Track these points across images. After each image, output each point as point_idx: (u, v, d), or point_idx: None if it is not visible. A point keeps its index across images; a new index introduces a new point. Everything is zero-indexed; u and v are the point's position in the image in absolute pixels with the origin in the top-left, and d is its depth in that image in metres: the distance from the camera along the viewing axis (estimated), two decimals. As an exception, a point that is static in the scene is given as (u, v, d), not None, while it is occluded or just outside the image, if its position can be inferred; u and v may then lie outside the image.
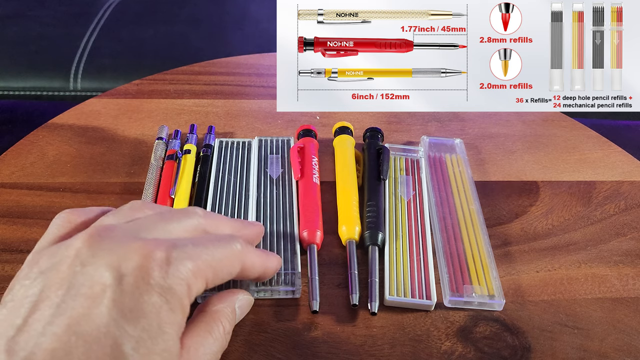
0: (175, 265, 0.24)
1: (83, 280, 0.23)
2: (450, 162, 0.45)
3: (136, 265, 0.23)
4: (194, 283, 0.25)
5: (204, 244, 0.26)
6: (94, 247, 0.24)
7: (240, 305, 0.31)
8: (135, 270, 0.23)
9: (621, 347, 0.33)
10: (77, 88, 0.84)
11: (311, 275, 0.35)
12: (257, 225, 0.34)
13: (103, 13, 0.95)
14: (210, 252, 0.26)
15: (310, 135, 0.46)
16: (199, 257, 0.25)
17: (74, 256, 0.24)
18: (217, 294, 0.30)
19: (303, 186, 0.41)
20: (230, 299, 0.30)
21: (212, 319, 0.28)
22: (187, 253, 0.25)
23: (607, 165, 0.48)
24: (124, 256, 0.23)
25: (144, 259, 0.23)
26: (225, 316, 0.29)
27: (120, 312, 0.22)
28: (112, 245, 0.24)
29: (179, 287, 0.24)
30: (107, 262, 0.23)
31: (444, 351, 0.32)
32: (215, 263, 0.26)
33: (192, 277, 0.24)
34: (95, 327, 0.22)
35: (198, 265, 0.25)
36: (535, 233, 0.41)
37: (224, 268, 0.27)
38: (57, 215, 0.29)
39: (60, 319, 0.22)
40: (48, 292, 0.23)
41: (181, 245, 0.25)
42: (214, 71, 0.58)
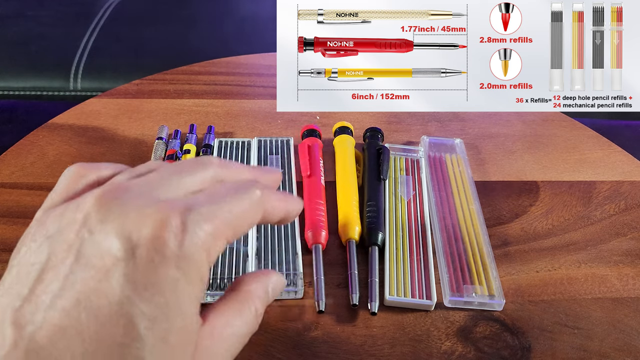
0: (191, 230, 0.22)
1: (92, 249, 0.21)
2: (450, 162, 0.45)
3: (149, 234, 0.21)
4: (214, 246, 0.23)
5: (222, 197, 0.24)
6: (104, 210, 0.22)
7: (274, 287, 0.28)
8: (148, 241, 0.21)
9: (621, 347, 0.33)
10: (77, 88, 0.84)
11: (316, 275, 0.35)
12: (275, 171, 0.31)
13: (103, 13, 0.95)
14: (228, 206, 0.24)
15: (315, 135, 0.46)
16: (216, 216, 0.23)
17: (83, 219, 0.22)
18: (251, 273, 0.29)
19: (309, 186, 0.41)
20: (264, 280, 0.28)
21: (244, 299, 0.26)
22: (204, 214, 0.22)
23: (607, 165, 0.48)
24: (135, 223, 0.21)
25: (158, 228, 0.21)
26: (258, 297, 0.27)
27: (133, 287, 0.20)
28: (124, 209, 0.22)
29: (197, 255, 0.22)
30: (117, 230, 0.21)
31: (444, 351, 0.32)
32: (234, 219, 0.24)
33: (211, 240, 0.22)
34: (107, 303, 0.20)
35: (216, 225, 0.23)
36: (535, 233, 0.41)
37: (245, 221, 0.25)
38: (67, 168, 0.26)
39: (69, 292, 0.20)
40: (55, 259, 0.21)
41: (197, 206, 0.23)
42: (214, 71, 0.58)
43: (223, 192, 0.24)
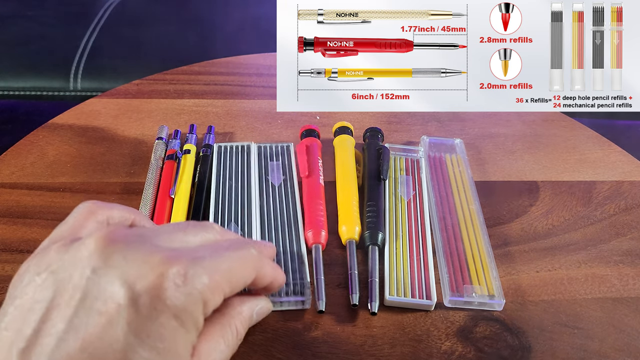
0: (191, 282, 0.23)
1: (97, 293, 0.22)
2: (450, 162, 0.45)
3: (151, 283, 0.22)
4: (211, 299, 0.24)
5: (220, 252, 0.25)
6: (107, 253, 0.23)
7: (259, 311, 0.30)
8: (150, 290, 0.22)
9: (621, 347, 0.33)
10: (77, 88, 0.84)
11: (316, 275, 0.35)
12: (270, 245, 0.33)
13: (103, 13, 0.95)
14: (227, 261, 0.25)
15: (314, 135, 0.46)
16: (216, 270, 0.24)
17: (87, 259, 0.23)
18: (237, 297, 0.30)
19: (308, 186, 0.41)
20: (250, 303, 0.29)
21: (227, 322, 0.27)
22: (206, 267, 0.24)
23: (607, 165, 0.48)
24: (138, 271, 0.22)
25: (159, 276, 0.22)
26: (241, 320, 0.28)
27: (136, 335, 0.22)
28: (128, 254, 0.23)
29: (195, 306, 0.23)
30: (121, 276, 0.22)
31: (444, 351, 0.32)
32: (232, 274, 0.25)
33: (209, 293, 0.24)
34: (111, 350, 0.21)
35: (215, 279, 0.24)
36: (535, 233, 0.41)
37: (242, 277, 0.26)
38: (80, 204, 0.28)
39: (73, 336, 0.21)
40: (60, 299, 0.22)
41: (198, 258, 0.24)
42: (214, 71, 0.58)
43: (222, 248, 0.26)
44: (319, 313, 0.34)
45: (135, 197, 0.41)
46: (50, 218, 0.40)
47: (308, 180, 0.42)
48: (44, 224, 0.39)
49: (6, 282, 0.35)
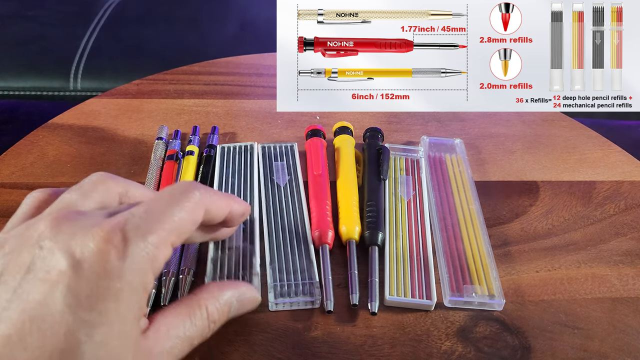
0: (133, 244, 0.23)
1: (41, 264, 0.23)
2: (450, 162, 0.45)
3: (93, 250, 0.23)
4: (158, 253, 0.24)
5: (161, 207, 0.25)
6: (55, 230, 0.24)
7: (241, 299, 0.30)
8: (92, 256, 0.23)
9: (621, 347, 0.33)
10: (77, 88, 0.84)
11: (324, 275, 0.35)
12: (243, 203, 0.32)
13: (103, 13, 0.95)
14: (169, 214, 0.25)
15: (319, 135, 0.46)
16: (158, 225, 0.24)
17: (36, 239, 0.24)
18: (218, 282, 0.29)
19: (315, 185, 0.41)
20: (228, 289, 0.29)
21: (196, 303, 0.27)
22: (145, 227, 0.24)
23: (607, 165, 0.48)
24: (81, 240, 0.23)
25: (101, 243, 0.23)
26: (213, 303, 0.28)
27: (75, 298, 0.22)
28: (73, 228, 0.24)
29: (139, 265, 0.23)
30: (64, 247, 0.23)
31: (444, 351, 0.32)
32: (176, 225, 0.25)
33: (154, 250, 0.24)
34: (50, 313, 0.22)
35: (159, 235, 0.24)
36: (535, 233, 0.41)
37: (187, 223, 0.26)
38: (28, 195, 0.28)
39: (15, 303, 0.22)
40: (7, 275, 0.23)
41: (135, 219, 0.24)
42: (214, 71, 0.58)
43: (160, 199, 0.26)
44: (327, 313, 0.34)
45: (135, 197, 0.41)
46: (50, 218, 0.40)
47: (317, 180, 0.42)
48: (44, 224, 0.39)
49: (6, 282, 0.35)
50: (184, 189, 0.27)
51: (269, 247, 0.37)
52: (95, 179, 0.28)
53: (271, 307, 0.34)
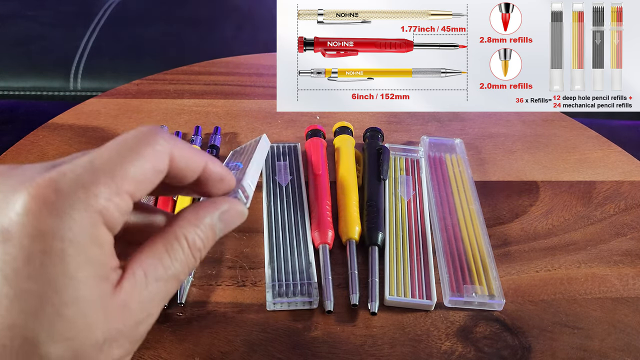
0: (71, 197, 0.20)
1: None
2: (450, 162, 0.45)
3: (21, 211, 0.19)
4: (107, 204, 0.20)
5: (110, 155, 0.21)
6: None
7: (224, 217, 0.25)
8: (21, 218, 0.19)
9: (621, 347, 0.33)
10: (77, 88, 0.84)
11: (324, 275, 0.35)
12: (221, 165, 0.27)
13: (103, 13, 0.95)
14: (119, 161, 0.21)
15: (319, 135, 0.46)
16: (104, 174, 0.21)
17: None
18: (191, 205, 0.24)
19: (316, 185, 0.41)
20: (205, 208, 0.24)
21: (173, 234, 0.23)
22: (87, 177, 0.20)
23: (607, 165, 0.48)
24: (8, 203, 0.20)
25: (30, 202, 0.19)
26: (193, 231, 0.23)
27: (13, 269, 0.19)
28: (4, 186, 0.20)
29: (83, 220, 0.20)
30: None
31: (444, 351, 0.32)
32: (131, 173, 0.21)
33: (100, 200, 0.20)
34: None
35: (105, 184, 0.20)
36: (535, 233, 0.41)
37: (147, 171, 0.22)
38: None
39: None
40: None
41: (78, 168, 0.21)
42: (214, 71, 0.58)
43: (110, 148, 0.22)
44: (327, 313, 0.34)
45: (135, 197, 0.41)
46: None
47: (318, 180, 0.42)
48: (44, 224, 0.39)
49: (6, 282, 0.35)
50: (142, 134, 0.22)
51: (269, 247, 0.37)
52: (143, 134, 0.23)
53: (269, 307, 0.34)
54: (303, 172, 0.43)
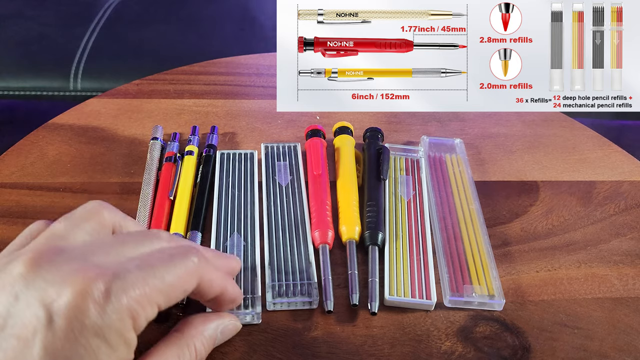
0: (115, 298, 0.22)
1: (16, 319, 0.21)
2: (450, 162, 0.45)
3: (69, 303, 0.21)
4: (141, 312, 0.23)
5: (153, 264, 0.24)
6: (31, 276, 0.22)
7: (223, 330, 0.30)
8: (68, 310, 0.21)
9: (621, 347, 0.33)
10: (77, 88, 0.84)
11: (324, 275, 0.35)
12: (233, 258, 0.32)
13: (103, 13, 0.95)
14: (160, 273, 0.24)
15: (319, 135, 0.46)
16: (145, 283, 0.23)
17: (11, 283, 0.22)
18: (200, 315, 0.29)
19: (316, 185, 0.41)
20: (212, 322, 0.29)
21: (185, 343, 0.27)
22: (131, 281, 0.23)
23: (607, 165, 0.48)
24: (58, 291, 0.22)
25: (78, 296, 0.21)
26: (202, 340, 0.28)
27: (51, 356, 0.21)
28: (49, 274, 0.22)
29: (120, 322, 0.22)
30: (40, 298, 0.22)
31: (444, 351, 0.32)
32: (166, 286, 0.24)
33: (137, 307, 0.23)
34: None
35: (145, 292, 0.23)
36: (535, 233, 0.41)
37: (177, 288, 0.25)
38: (29, 225, 0.28)
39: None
40: None
41: (124, 272, 0.23)
42: (214, 71, 0.58)
43: (156, 258, 0.25)
44: (327, 313, 0.34)
45: (135, 197, 0.41)
46: (50, 218, 0.39)
47: (317, 179, 0.42)
48: (44, 224, 0.39)
49: (6, 282, 0.35)
50: (185, 252, 0.25)
51: (269, 247, 0.37)
52: (90, 208, 0.27)
53: (269, 307, 0.34)
54: (303, 172, 0.43)
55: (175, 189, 0.41)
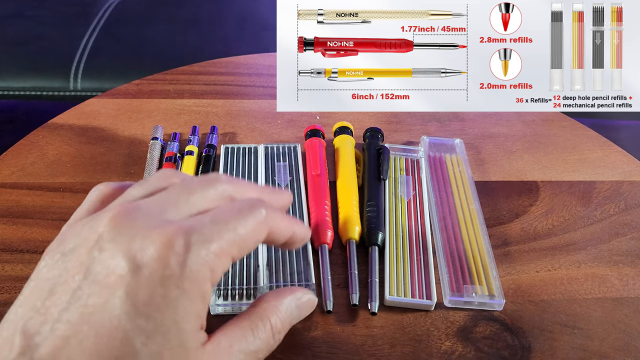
0: (194, 251, 0.23)
1: (100, 267, 0.22)
2: (450, 162, 0.45)
3: (154, 255, 0.22)
4: (218, 264, 0.24)
5: (226, 217, 0.25)
6: (115, 231, 0.23)
7: (300, 305, 0.29)
8: (152, 261, 0.22)
9: (621, 347, 0.33)
10: (77, 88, 0.84)
11: (323, 275, 0.35)
12: (285, 193, 0.32)
13: (103, 13, 0.95)
14: (232, 226, 0.25)
15: (318, 135, 0.46)
16: (220, 236, 0.24)
17: (96, 239, 0.23)
18: (274, 291, 0.29)
19: (315, 185, 0.41)
20: (287, 296, 0.29)
21: (258, 316, 0.27)
22: (207, 234, 0.24)
23: (607, 165, 0.48)
24: (141, 244, 0.23)
25: (162, 248, 0.23)
26: (275, 313, 0.27)
27: (133, 304, 0.22)
28: (132, 230, 0.23)
29: (199, 274, 0.23)
30: (124, 250, 0.23)
31: (444, 351, 0.32)
32: (239, 238, 0.25)
33: (215, 259, 0.24)
34: (108, 318, 0.22)
35: (220, 245, 0.24)
36: (535, 233, 0.41)
37: (250, 239, 0.25)
38: (93, 188, 0.28)
39: (75, 306, 0.22)
40: (67, 276, 0.23)
41: (200, 227, 0.24)
42: (214, 71, 0.58)
43: (227, 212, 0.25)
44: (327, 313, 0.34)
45: (135, 197, 0.41)
46: (50, 218, 0.40)
47: (316, 179, 0.42)
48: (44, 224, 0.39)
49: (6, 282, 0.35)
50: (253, 205, 0.26)
51: (267, 248, 0.37)
52: (162, 175, 0.28)
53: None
54: (302, 173, 0.43)
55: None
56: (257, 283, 0.34)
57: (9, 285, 0.35)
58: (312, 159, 0.44)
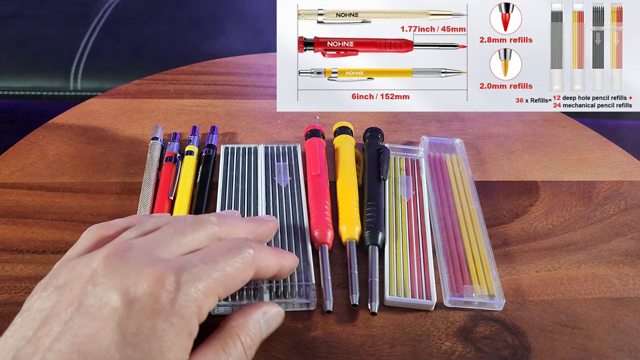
0: (184, 289, 0.24)
1: (93, 300, 0.24)
2: (450, 162, 0.45)
3: (146, 290, 0.24)
4: (205, 302, 0.25)
5: (214, 259, 0.26)
6: (109, 268, 0.25)
7: (268, 319, 0.30)
8: (144, 296, 0.24)
9: (621, 347, 0.33)
10: (77, 88, 0.84)
11: (323, 275, 0.35)
12: (271, 221, 0.34)
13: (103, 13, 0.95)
14: (220, 267, 0.26)
15: (318, 135, 0.46)
16: (209, 275, 0.26)
17: (89, 275, 0.24)
18: (240, 309, 0.30)
19: (315, 185, 0.41)
20: (253, 313, 0.30)
21: (227, 334, 0.28)
22: (196, 274, 0.25)
23: (607, 165, 0.48)
24: (134, 280, 0.24)
25: (153, 285, 0.24)
26: (244, 330, 0.28)
27: (123, 336, 0.23)
28: (126, 267, 0.25)
29: (187, 310, 0.24)
30: (118, 285, 0.24)
31: (444, 351, 0.32)
32: (226, 278, 0.26)
33: (203, 298, 0.25)
34: (97, 348, 0.22)
35: (208, 284, 0.25)
36: (535, 233, 0.41)
37: (237, 279, 0.27)
38: (88, 229, 0.30)
39: (66, 336, 0.23)
40: (59, 308, 0.24)
41: (190, 266, 0.25)
42: (214, 71, 0.58)
43: (217, 252, 0.27)
44: (327, 313, 0.34)
45: (135, 197, 0.41)
46: (50, 218, 0.40)
47: (316, 180, 0.42)
48: (44, 224, 0.39)
49: (6, 282, 0.35)
50: (241, 245, 0.28)
51: None
52: (155, 219, 0.29)
53: None
54: (302, 173, 0.43)
55: (175, 189, 0.41)
56: (256, 284, 0.34)
57: (9, 285, 0.35)
58: (312, 159, 0.44)
